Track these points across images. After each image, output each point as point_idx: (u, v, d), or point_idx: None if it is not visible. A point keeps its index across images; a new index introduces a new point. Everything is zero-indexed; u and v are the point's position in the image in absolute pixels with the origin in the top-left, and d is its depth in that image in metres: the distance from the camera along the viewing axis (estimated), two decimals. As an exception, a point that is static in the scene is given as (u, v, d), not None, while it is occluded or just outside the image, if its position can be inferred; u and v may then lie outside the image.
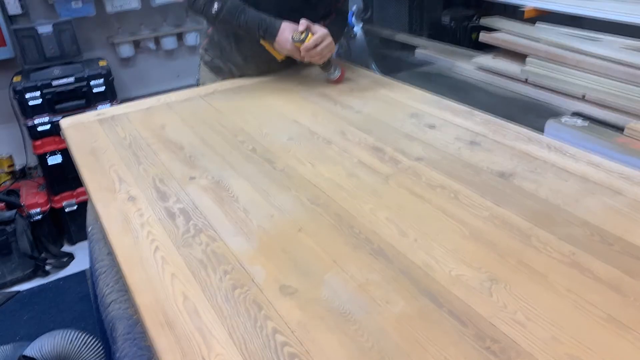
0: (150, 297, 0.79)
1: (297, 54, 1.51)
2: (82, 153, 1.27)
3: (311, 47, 1.47)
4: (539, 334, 0.67)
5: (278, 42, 1.51)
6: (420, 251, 0.84)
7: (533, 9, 1.66)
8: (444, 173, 1.07)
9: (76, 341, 1.87)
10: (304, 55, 1.49)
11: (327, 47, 1.50)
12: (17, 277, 2.63)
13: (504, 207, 0.94)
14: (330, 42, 1.50)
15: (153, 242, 0.91)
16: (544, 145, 1.15)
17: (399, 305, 0.74)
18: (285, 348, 0.68)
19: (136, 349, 0.86)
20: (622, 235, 0.84)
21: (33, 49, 2.66)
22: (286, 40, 1.49)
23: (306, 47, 1.47)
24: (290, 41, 1.48)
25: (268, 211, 0.98)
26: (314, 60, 1.52)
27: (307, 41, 1.47)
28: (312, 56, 1.49)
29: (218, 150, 1.24)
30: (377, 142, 1.22)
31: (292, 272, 0.82)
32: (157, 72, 3.28)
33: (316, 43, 1.47)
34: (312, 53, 1.48)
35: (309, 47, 1.47)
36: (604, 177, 1.01)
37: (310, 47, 1.47)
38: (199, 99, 1.58)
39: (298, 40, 1.47)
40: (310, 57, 1.50)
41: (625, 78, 1.34)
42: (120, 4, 2.89)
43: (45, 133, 2.68)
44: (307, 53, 1.48)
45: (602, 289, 0.74)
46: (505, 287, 0.75)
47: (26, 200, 2.73)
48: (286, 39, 1.49)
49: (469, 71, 1.74)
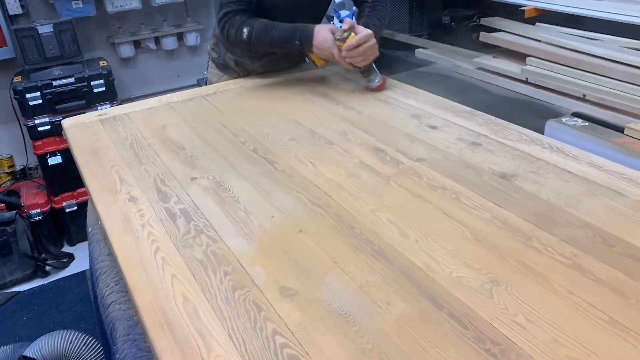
0: (151, 297, 0.79)
1: (337, 55, 1.43)
2: (84, 153, 1.27)
3: (353, 47, 1.39)
4: (539, 336, 0.67)
5: (316, 45, 1.44)
6: (421, 252, 0.84)
7: (533, 8, 1.66)
8: (445, 174, 1.06)
9: (76, 342, 1.88)
10: (345, 55, 1.41)
11: (371, 48, 1.41)
12: (17, 278, 2.63)
13: (505, 208, 0.93)
14: (374, 44, 1.42)
15: (154, 242, 0.91)
16: (546, 146, 1.15)
17: (399, 306, 0.73)
18: (285, 350, 0.68)
19: (136, 350, 0.85)
20: (624, 236, 0.84)
21: (33, 49, 2.66)
22: (325, 40, 1.42)
23: (349, 45, 1.39)
24: (331, 39, 1.41)
25: (269, 212, 0.98)
26: (355, 62, 1.43)
27: (350, 40, 1.39)
28: (353, 56, 1.41)
29: (219, 150, 1.24)
30: (378, 143, 1.22)
31: (293, 273, 0.82)
32: (158, 72, 3.28)
33: (359, 42, 1.39)
34: (354, 53, 1.40)
35: (351, 46, 1.39)
36: (605, 178, 1.01)
37: (352, 46, 1.39)
38: (200, 99, 1.57)
39: (340, 38, 1.40)
40: (352, 57, 1.41)
41: (625, 78, 1.33)
42: (121, 4, 2.89)
43: (45, 133, 2.68)
44: (349, 53, 1.40)
45: (603, 291, 0.73)
46: (506, 288, 0.75)
47: (26, 200, 2.74)
48: (324, 38, 1.42)
49: (469, 71, 1.73)
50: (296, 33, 1.46)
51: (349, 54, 1.40)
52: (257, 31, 1.47)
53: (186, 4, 3.16)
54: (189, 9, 3.20)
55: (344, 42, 1.39)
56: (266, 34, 1.47)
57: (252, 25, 1.47)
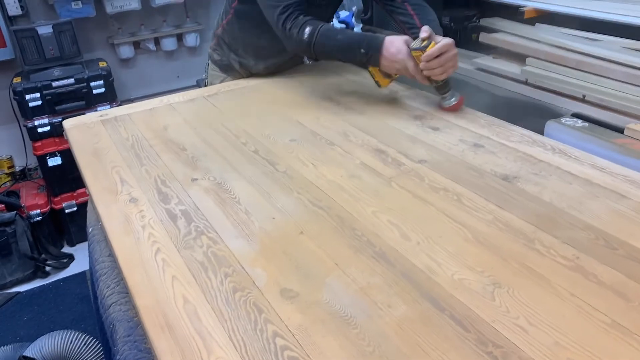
0: (151, 299, 0.78)
1: (413, 67, 1.29)
2: (85, 154, 1.27)
3: (434, 56, 1.25)
4: (541, 339, 0.67)
5: (387, 57, 1.31)
6: (423, 254, 0.84)
7: (533, 9, 1.66)
8: (447, 175, 1.06)
9: (76, 342, 1.87)
10: (424, 67, 1.27)
11: (452, 59, 1.27)
12: (17, 278, 2.62)
13: (507, 210, 0.93)
14: (455, 54, 1.28)
15: (154, 243, 0.91)
16: (548, 147, 1.15)
17: (400, 309, 0.73)
18: (286, 352, 0.68)
19: (136, 352, 0.85)
20: (627, 239, 0.84)
21: (33, 49, 2.66)
22: (398, 51, 1.29)
23: (429, 55, 1.25)
24: (405, 51, 1.28)
25: (270, 213, 0.98)
26: (433, 74, 1.29)
27: (430, 49, 1.25)
28: (432, 68, 1.26)
29: (220, 151, 1.23)
30: (380, 144, 1.21)
31: (293, 274, 0.81)
32: (157, 73, 3.27)
33: (441, 52, 1.25)
34: (434, 64, 1.26)
35: (432, 56, 1.25)
36: (608, 180, 1.01)
37: (433, 56, 1.25)
38: (202, 100, 1.57)
39: (419, 48, 1.26)
40: (431, 69, 1.27)
41: (625, 79, 1.33)
42: (120, 5, 2.88)
43: (45, 134, 2.68)
44: (428, 64, 1.26)
45: (606, 294, 0.73)
46: (508, 291, 0.75)
47: (26, 201, 2.73)
48: (398, 50, 1.29)
49: (469, 72, 1.73)
50: (363, 41, 1.33)
51: (428, 65, 1.27)
52: (320, 33, 1.36)
53: (186, 5, 3.16)
54: (188, 9, 3.20)
55: (424, 52, 1.26)
56: (330, 37, 1.36)
57: (315, 26, 1.37)
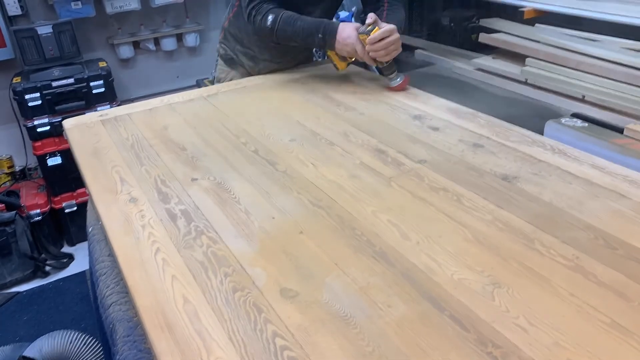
0: (151, 299, 0.78)
1: (361, 50, 1.44)
2: (85, 153, 1.27)
3: (377, 40, 1.40)
4: (541, 339, 0.67)
5: (340, 40, 1.46)
6: (422, 254, 0.84)
7: (533, 9, 1.66)
8: (447, 175, 1.06)
9: (76, 342, 1.87)
10: (369, 49, 1.42)
11: (394, 43, 1.43)
12: (17, 278, 2.62)
13: (507, 210, 0.93)
14: (397, 39, 1.43)
15: (154, 243, 0.91)
16: (548, 147, 1.15)
17: (400, 309, 0.73)
18: (286, 352, 0.68)
19: (136, 352, 0.85)
20: (627, 239, 0.84)
21: (33, 49, 2.66)
22: (348, 36, 1.45)
23: (372, 39, 1.40)
24: (355, 36, 1.43)
25: (269, 213, 0.98)
26: (378, 56, 1.44)
27: (374, 33, 1.40)
28: (376, 50, 1.42)
29: (220, 151, 1.23)
30: (380, 144, 1.21)
31: (293, 274, 0.81)
32: (157, 73, 3.27)
33: (383, 36, 1.40)
34: (378, 47, 1.41)
35: (375, 39, 1.40)
36: (608, 180, 1.01)
37: (376, 39, 1.40)
38: (202, 100, 1.57)
39: (364, 32, 1.42)
40: (375, 51, 1.42)
41: (625, 79, 1.33)
42: (120, 5, 2.88)
43: (45, 134, 2.68)
44: (373, 46, 1.41)
45: (606, 294, 0.73)
46: (507, 291, 0.75)
47: (26, 201, 2.73)
48: (348, 34, 1.45)
49: (469, 72, 1.73)
50: (320, 27, 1.48)
51: (372, 47, 1.41)
52: (282, 20, 1.50)
53: (185, 5, 3.16)
54: (188, 9, 3.20)
55: (368, 35, 1.41)
56: (290, 24, 1.50)
57: (277, 14, 1.50)
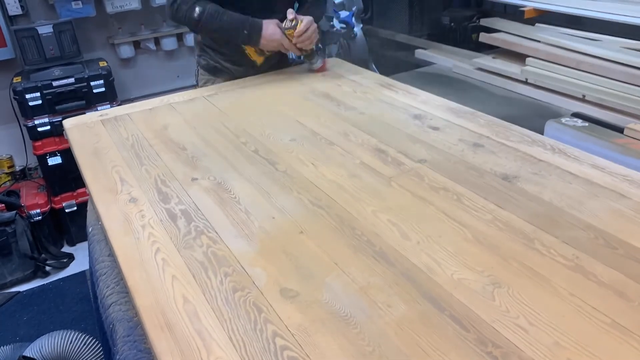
0: (151, 299, 0.78)
1: (288, 44, 1.58)
2: (85, 153, 1.27)
3: (303, 32, 1.56)
4: (541, 339, 0.67)
5: (265, 37, 1.57)
6: (423, 254, 0.84)
7: (533, 9, 1.66)
8: (447, 175, 1.06)
9: (76, 342, 1.87)
10: (297, 41, 1.57)
11: (315, 31, 1.60)
12: (17, 278, 2.62)
13: (507, 210, 0.93)
14: (316, 27, 1.61)
15: (154, 243, 0.91)
16: (548, 147, 1.14)
17: (400, 308, 0.73)
18: (286, 352, 0.68)
19: (136, 352, 0.85)
20: (627, 238, 0.84)
21: (33, 49, 2.66)
22: (274, 32, 1.56)
23: (299, 31, 1.56)
24: (279, 32, 1.57)
25: (270, 213, 0.98)
26: (304, 45, 1.60)
27: (299, 27, 1.56)
28: (303, 40, 1.57)
29: (220, 151, 1.23)
30: (380, 144, 1.21)
31: (293, 274, 0.81)
32: (157, 73, 3.27)
33: (307, 27, 1.56)
34: (304, 37, 1.57)
35: (301, 32, 1.55)
36: (608, 180, 1.01)
37: (302, 32, 1.56)
38: (202, 100, 1.57)
39: (290, 27, 1.56)
40: (302, 42, 1.58)
41: (625, 79, 1.33)
42: (121, 5, 2.88)
43: (45, 134, 2.67)
44: (300, 38, 1.56)
45: (606, 294, 0.73)
46: (508, 290, 0.75)
47: (26, 201, 2.73)
48: (274, 31, 1.56)
49: (469, 71, 1.73)
50: (246, 23, 1.57)
51: (300, 39, 1.57)
52: (208, 13, 1.55)
53: (186, 5, 3.16)
54: (189, 9, 3.19)
55: (295, 29, 1.56)
56: (216, 18, 1.56)
57: (204, 6, 1.55)
